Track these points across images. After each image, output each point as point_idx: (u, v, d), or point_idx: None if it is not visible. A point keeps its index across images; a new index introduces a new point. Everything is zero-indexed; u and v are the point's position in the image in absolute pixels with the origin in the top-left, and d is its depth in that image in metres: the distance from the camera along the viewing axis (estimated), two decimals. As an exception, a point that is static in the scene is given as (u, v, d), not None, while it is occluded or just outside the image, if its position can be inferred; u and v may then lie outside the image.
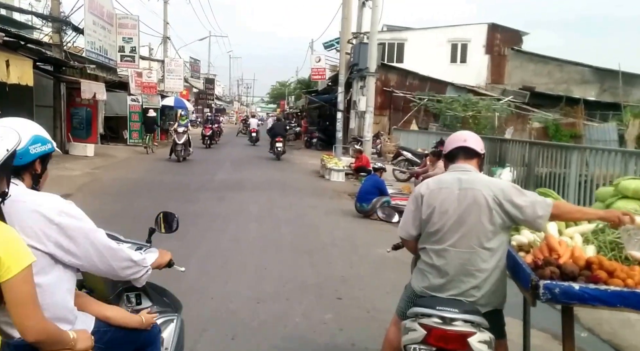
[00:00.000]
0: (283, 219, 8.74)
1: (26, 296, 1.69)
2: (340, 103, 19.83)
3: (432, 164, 11.16)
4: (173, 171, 14.83)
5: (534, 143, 10.41)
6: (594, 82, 28.65)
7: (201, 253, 6.40)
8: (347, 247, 7.26)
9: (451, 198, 2.64)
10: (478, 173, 2.80)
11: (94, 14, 17.27)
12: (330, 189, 12.74)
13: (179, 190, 11.34)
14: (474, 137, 2.89)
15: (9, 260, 1.63)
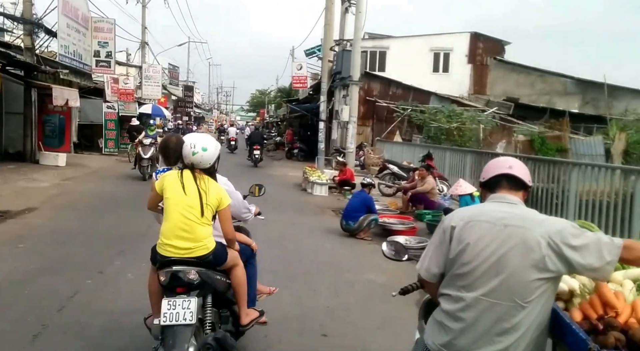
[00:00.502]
0: (262, 240, 8.12)
1: (228, 217, 3.49)
2: (323, 113, 19.35)
3: (420, 179, 10.74)
4: (146, 184, 14.13)
5: (530, 158, 10.02)
6: (576, 93, 28.70)
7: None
8: (332, 272, 6.73)
9: (491, 234, 2.14)
10: (527, 208, 2.29)
11: (68, 17, 16.54)
12: (313, 204, 12.21)
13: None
14: (521, 165, 2.39)
15: (224, 199, 3.41)
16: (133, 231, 8.07)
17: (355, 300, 5.76)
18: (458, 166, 12.76)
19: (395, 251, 3.07)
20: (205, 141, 3.55)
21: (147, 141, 14.73)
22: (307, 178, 14.60)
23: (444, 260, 2.25)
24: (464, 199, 8.61)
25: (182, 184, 3.34)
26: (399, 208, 11.25)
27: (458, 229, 2.21)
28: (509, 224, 2.14)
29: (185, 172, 3.40)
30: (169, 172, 3.56)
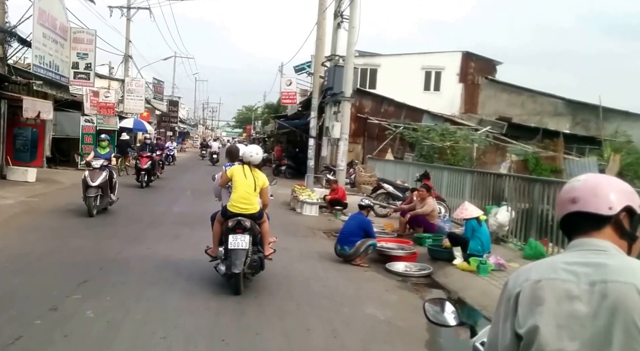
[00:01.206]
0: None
1: (266, 192, 6.35)
2: (313, 129, 18.62)
3: (420, 200, 9.96)
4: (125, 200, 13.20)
5: (537, 180, 9.31)
6: (567, 114, 28.52)
7: (139, 317, 4.91)
8: (327, 306, 5.87)
9: (572, 298, 1.42)
10: (621, 254, 1.50)
11: (45, 26, 15.67)
12: (303, 225, 11.35)
13: (127, 225, 9.77)
14: (596, 188, 1.58)
15: (265, 183, 6.21)
16: (101, 256, 7.16)
17: (355, 341, 4.92)
18: (457, 187, 12.03)
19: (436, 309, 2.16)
20: (257, 150, 6.47)
21: (96, 163, 10.73)
22: (296, 196, 13.77)
23: (512, 339, 1.51)
24: (470, 223, 7.86)
25: (244, 173, 6.07)
26: (396, 230, 10.46)
27: (525, 294, 1.50)
28: (598, 281, 1.41)
29: (245, 166, 6.14)
30: (234, 166, 6.27)
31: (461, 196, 11.74)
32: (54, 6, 16.28)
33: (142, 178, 16.00)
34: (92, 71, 18.51)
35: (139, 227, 9.59)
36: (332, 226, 11.53)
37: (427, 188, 10.02)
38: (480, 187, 10.99)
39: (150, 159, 16.39)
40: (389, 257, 8.06)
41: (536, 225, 8.87)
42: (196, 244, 8.41)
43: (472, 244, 7.74)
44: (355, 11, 16.49)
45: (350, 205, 13.88)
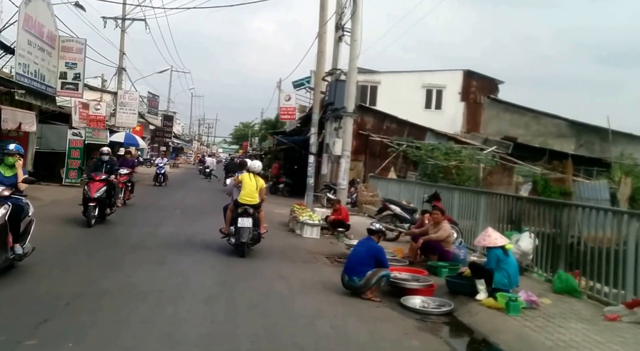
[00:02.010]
0: (242, 301, 6.27)
1: (263, 190, 9.59)
2: (313, 145, 17.70)
3: (433, 224, 9.00)
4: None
5: (566, 204, 8.38)
6: (571, 136, 27.90)
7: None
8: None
9: None
10: None
11: (31, 33, 14.78)
12: (303, 249, 10.35)
13: (105, 249, 8.73)
14: None
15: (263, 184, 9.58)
16: (70, 287, 6.15)
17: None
18: (470, 209, 11.07)
19: None
20: (259, 163, 10.03)
21: None
22: (295, 217, 12.78)
23: None
24: (494, 253, 6.92)
25: (250, 178, 9.25)
26: (406, 256, 9.48)
27: None
28: None
29: (250, 174, 9.34)
30: (243, 173, 9.44)
31: (474, 220, 10.81)
32: (41, 12, 15.43)
33: (90, 212, 10.52)
34: (81, 81, 17.57)
35: (120, 251, 8.56)
36: (335, 250, 10.56)
37: (442, 211, 9.06)
38: (497, 210, 10.06)
39: (106, 183, 11.10)
40: (403, 289, 7.08)
41: (565, 254, 7.93)
42: (183, 272, 7.43)
43: (498, 277, 6.79)
44: (356, 24, 15.74)
45: (353, 227, 12.94)
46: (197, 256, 8.71)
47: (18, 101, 15.07)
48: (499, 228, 9.55)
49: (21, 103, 15.52)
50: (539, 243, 8.54)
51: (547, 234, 8.58)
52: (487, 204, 10.41)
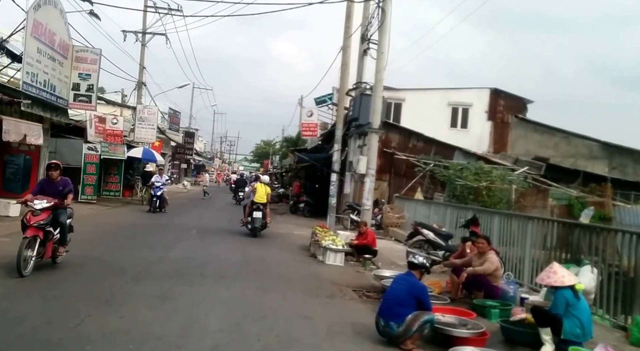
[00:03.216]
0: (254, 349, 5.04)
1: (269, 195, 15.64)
2: (336, 163, 16.51)
3: (478, 255, 7.68)
4: (113, 243, 11.11)
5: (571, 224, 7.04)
6: (603, 158, 26.29)
7: None
8: None
9: None
10: None
11: (41, 41, 13.93)
12: (326, 279, 9.08)
13: (103, 279, 7.58)
14: None
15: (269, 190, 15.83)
16: (50, 332, 4.98)
17: None
18: (513, 237, 9.70)
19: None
20: (267, 177, 17.86)
21: None
22: (317, 241, 11.54)
23: None
24: (562, 294, 5.61)
25: (262, 186, 14.75)
26: (444, 291, 8.15)
27: None
28: None
29: (262, 184, 14.90)
30: (257, 184, 15.02)
31: (519, 248, 9.44)
32: (53, 20, 14.60)
33: (27, 254, 7.12)
34: (94, 93, 16.68)
35: (119, 281, 7.39)
36: (363, 281, 9.27)
37: (487, 240, 7.73)
38: (549, 238, 8.70)
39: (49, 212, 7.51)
40: (449, 338, 5.76)
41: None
42: (189, 309, 6.21)
43: (568, 326, 5.47)
44: (384, 36, 14.61)
45: (380, 253, 11.65)
46: (205, 287, 7.51)
47: (27, 113, 14.22)
48: (551, 259, 8.21)
49: (31, 115, 14.68)
50: (603, 278, 7.21)
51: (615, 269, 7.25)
52: (534, 232, 9.05)
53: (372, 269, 10.48)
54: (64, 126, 17.98)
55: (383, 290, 8.05)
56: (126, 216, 16.50)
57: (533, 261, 8.78)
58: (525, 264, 8.93)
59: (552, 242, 8.60)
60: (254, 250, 11.69)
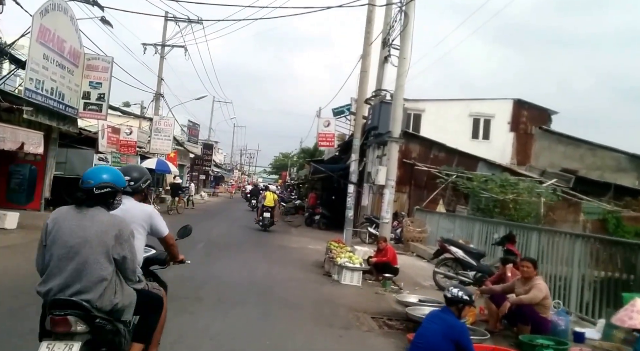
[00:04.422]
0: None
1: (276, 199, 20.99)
2: (354, 173, 15.20)
3: (523, 280, 6.26)
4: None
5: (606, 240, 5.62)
6: (631, 170, 24.50)
7: None
8: None
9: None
10: None
11: (48, 47, 12.99)
12: (342, 303, 7.71)
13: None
14: None
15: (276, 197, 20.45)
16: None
17: None
18: (557, 257, 8.22)
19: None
20: (274, 187, 25.85)
21: None
22: (332, 258, 10.19)
23: None
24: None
25: (269, 193, 18.85)
26: (478, 319, 6.71)
27: None
28: None
29: (270, 192, 19.23)
30: (267, 192, 19.33)
31: (563, 269, 7.96)
32: (62, 26, 13.68)
33: None
34: (106, 102, 15.67)
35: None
36: (383, 305, 7.90)
37: (534, 263, 6.30)
38: (601, 260, 7.24)
39: None
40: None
41: None
42: (169, 348, 4.90)
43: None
44: (406, 41, 13.34)
45: (402, 271, 10.26)
46: (203, 312, 6.22)
47: (35, 122, 13.26)
48: (607, 286, 6.76)
49: (39, 124, 13.73)
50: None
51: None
52: (583, 251, 7.56)
53: (392, 290, 9.11)
54: (75, 136, 17.06)
55: (407, 319, 6.70)
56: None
57: (584, 286, 7.30)
58: (572, 289, 7.46)
59: (609, 264, 7.13)
60: (262, 267, 10.39)
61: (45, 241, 3.03)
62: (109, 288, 2.99)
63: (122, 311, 3.11)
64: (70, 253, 2.93)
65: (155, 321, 3.58)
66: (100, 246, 2.97)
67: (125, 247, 3.09)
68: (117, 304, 3.04)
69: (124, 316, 3.15)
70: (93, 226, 2.98)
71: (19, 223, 11.57)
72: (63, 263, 2.94)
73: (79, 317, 2.88)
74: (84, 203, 3.04)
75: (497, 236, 9.33)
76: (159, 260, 4.21)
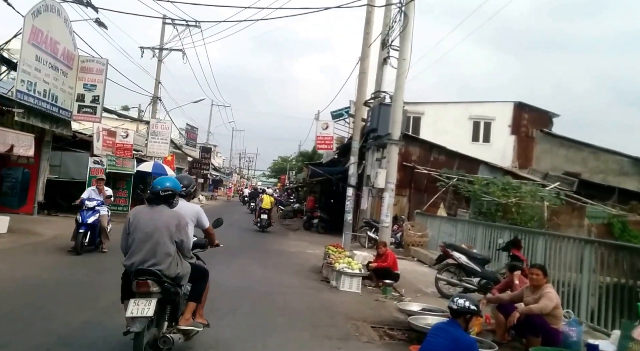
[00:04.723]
0: None
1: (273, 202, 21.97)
2: (353, 176, 14.83)
3: (532, 289, 5.89)
4: (85, 267, 9.56)
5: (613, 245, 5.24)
6: (634, 174, 24.18)
7: None
8: None
9: None
10: None
11: (40, 48, 12.66)
12: (341, 312, 7.33)
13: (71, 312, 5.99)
14: None
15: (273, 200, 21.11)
16: None
17: None
18: (564, 262, 7.84)
19: None
20: (271, 191, 24.42)
21: None
22: (330, 263, 9.82)
23: None
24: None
25: (267, 196, 19.54)
26: (484, 329, 6.34)
27: None
28: None
29: (267, 195, 19.91)
30: (264, 195, 20.06)
31: (571, 275, 7.59)
32: (56, 28, 13.36)
33: None
34: (100, 104, 15.32)
35: (62, 327, 5.77)
36: (382, 313, 7.54)
37: (544, 270, 5.93)
38: (612, 266, 6.87)
39: None
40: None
41: None
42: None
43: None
44: (406, 41, 12.99)
45: (402, 276, 9.90)
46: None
47: (28, 124, 12.90)
48: (621, 294, 6.40)
49: (32, 127, 13.38)
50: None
51: None
52: (592, 257, 7.18)
53: (393, 297, 8.74)
54: (69, 139, 16.72)
55: (409, 328, 6.33)
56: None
57: (594, 294, 6.93)
58: (582, 298, 7.08)
59: (622, 271, 6.76)
60: (258, 273, 10.02)
61: (128, 229, 4.28)
62: (173, 261, 4.23)
63: (181, 278, 4.37)
64: (146, 237, 4.16)
65: (203, 287, 4.81)
66: (166, 232, 4.21)
67: (183, 233, 4.35)
68: (179, 273, 4.30)
69: (182, 282, 4.42)
70: (161, 218, 4.24)
71: (9, 227, 11.19)
72: (142, 244, 4.17)
73: (155, 281, 4.10)
74: (153, 201, 4.33)
75: (502, 241, 8.95)
76: (200, 245, 5.31)
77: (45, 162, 14.66)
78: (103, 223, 10.36)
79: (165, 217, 4.24)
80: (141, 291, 4.04)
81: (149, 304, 4.02)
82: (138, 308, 4.00)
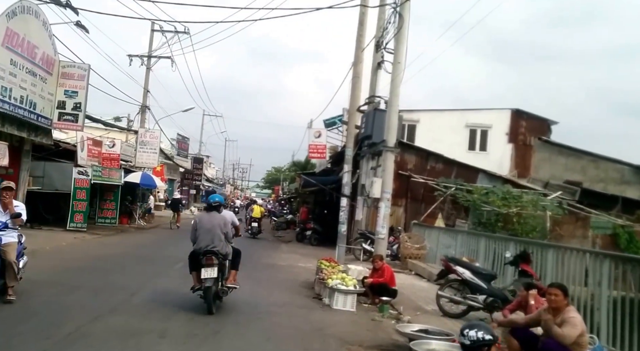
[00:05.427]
0: None
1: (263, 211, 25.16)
2: (347, 186, 14.16)
3: (551, 311, 5.17)
4: (72, 280, 8.80)
5: None
6: (635, 183, 23.60)
7: None
8: None
9: None
10: None
11: (16, 52, 11.94)
12: (333, 335, 6.58)
13: (18, 339, 5.23)
14: None
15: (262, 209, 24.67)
16: None
17: None
18: (577, 277, 7.14)
19: None
20: (261, 201, 34.69)
21: None
22: (323, 280, 9.08)
23: None
24: None
25: (257, 207, 22.33)
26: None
27: None
28: None
29: (257, 205, 22.79)
30: (254, 205, 22.88)
31: (586, 291, 6.89)
32: (34, 31, 12.67)
33: None
34: (82, 112, 14.58)
35: (36, 347, 5.01)
36: (380, 335, 6.81)
37: (564, 290, 5.19)
38: (635, 283, 6.17)
39: None
40: None
41: None
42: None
43: None
44: (401, 44, 12.47)
45: (401, 292, 9.18)
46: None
47: (3, 132, 12.16)
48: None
49: (10, 136, 12.65)
50: None
51: None
52: (611, 272, 6.48)
53: (391, 316, 8.01)
54: (52, 149, 15.97)
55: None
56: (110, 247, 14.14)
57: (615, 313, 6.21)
58: (601, 317, 6.38)
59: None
60: (246, 288, 9.20)
61: (196, 226, 7.26)
62: (224, 245, 7.23)
63: (228, 255, 7.40)
64: (208, 231, 7.13)
65: (238, 261, 7.80)
66: (219, 227, 7.19)
67: (228, 228, 7.35)
68: (227, 252, 7.35)
69: (228, 257, 7.42)
70: (215, 219, 7.26)
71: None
72: (205, 235, 7.12)
73: (215, 257, 6.95)
74: (209, 209, 7.56)
75: (510, 255, 8.24)
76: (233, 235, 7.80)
77: (25, 172, 13.90)
78: (9, 255, 6.57)
79: (217, 218, 7.26)
80: (208, 263, 6.82)
81: (214, 270, 6.83)
82: (207, 272, 6.78)
